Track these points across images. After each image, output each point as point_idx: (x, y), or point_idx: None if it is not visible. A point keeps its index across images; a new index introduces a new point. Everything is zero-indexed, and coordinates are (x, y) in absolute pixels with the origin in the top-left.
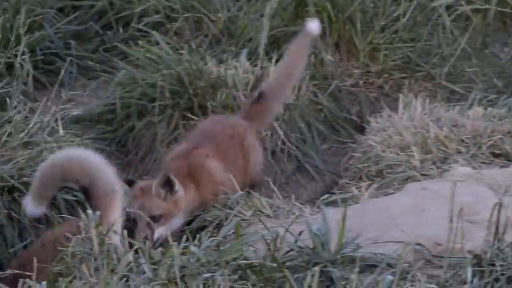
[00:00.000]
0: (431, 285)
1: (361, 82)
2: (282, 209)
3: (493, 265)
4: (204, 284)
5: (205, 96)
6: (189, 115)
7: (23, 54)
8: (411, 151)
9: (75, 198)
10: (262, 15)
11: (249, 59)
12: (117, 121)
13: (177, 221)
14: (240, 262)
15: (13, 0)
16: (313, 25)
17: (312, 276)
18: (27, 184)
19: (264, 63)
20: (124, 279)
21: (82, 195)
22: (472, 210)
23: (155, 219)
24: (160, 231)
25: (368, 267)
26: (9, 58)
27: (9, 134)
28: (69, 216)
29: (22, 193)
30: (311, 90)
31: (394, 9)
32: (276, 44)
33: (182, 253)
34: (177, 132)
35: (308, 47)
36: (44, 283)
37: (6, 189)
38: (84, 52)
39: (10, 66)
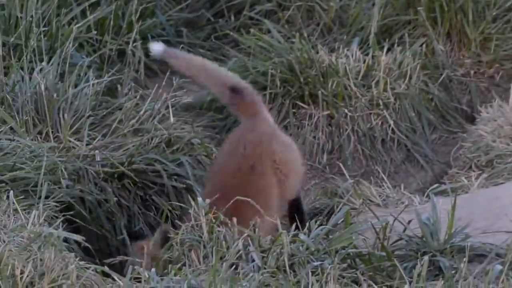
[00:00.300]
0: None
1: (472, 72)
2: (391, 198)
3: None
4: (312, 273)
5: (316, 85)
6: (300, 103)
7: (134, 41)
8: None
9: (184, 186)
10: (373, 4)
11: (360, 48)
12: (227, 109)
13: None
14: (350, 250)
15: None
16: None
17: (421, 265)
18: (136, 171)
19: (375, 52)
20: (233, 267)
21: None
22: None
23: None
24: None
25: (477, 257)
26: (120, 45)
27: (120, 121)
28: (178, 203)
29: (132, 180)
30: (422, 80)
31: None
32: (388, 33)
33: (292, 241)
34: (287, 120)
35: None
36: (154, 270)
37: (115, 175)
38: (195, 39)
39: (121, 53)
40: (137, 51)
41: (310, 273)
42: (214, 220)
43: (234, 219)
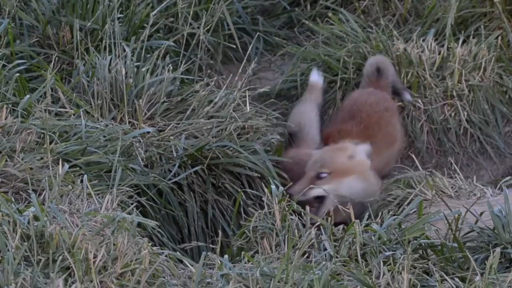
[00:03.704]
0: None
1: None
2: (463, 189)
3: None
4: (384, 262)
5: None
6: None
7: (210, 28)
8: None
9: (257, 175)
10: None
11: (436, 39)
12: (300, 97)
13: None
14: (421, 241)
15: None
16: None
17: (493, 257)
18: (210, 158)
19: (450, 43)
20: (305, 255)
21: None
22: None
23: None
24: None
25: None
26: (193, 32)
27: (194, 108)
28: (252, 190)
29: (206, 166)
30: (497, 72)
31: None
32: (463, 25)
33: (364, 231)
34: None
35: None
36: (226, 256)
37: (189, 162)
38: (271, 28)
39: (197, 40)
40: (212, 38)
41: (381, 263)
42: (287, 208)
43: (307, 208)
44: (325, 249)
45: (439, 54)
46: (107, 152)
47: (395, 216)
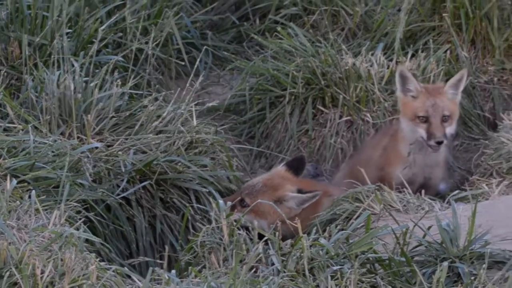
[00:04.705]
0: None
1: (495, 79)
2: (411, 203)
3: None
4: (332, 277)
5: (339, 88)
6: (321, 107)
7: (158, 44)
8: None
9: (205, 189)
10: (399, 10)
11: (385, 53)
12: (248, 112)
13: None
14: (369, 255)
15: None
16: None
17: (440, 271)
18: (156, 173)
19: (399, 58)
20: (253, 270)
21: None
22: None
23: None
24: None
25: (496, 263)
26: (141, 48)
27: (142, 124)
28: (200, 205)
29: (154, 181)
30: None
31: None
32: (412, 39)
33: (311, 245)
34: (306, 126)
35: None
36: (174, 271)
37: (137, 177)
38: (219, 42)
39: (145, 55)
40: (161, 53)
41: (329, 277)
42: (234, 223)
43: (255, 223)
44: (273, 264)
45: (388, 68)
46: (56, 168)
47: (343, 231)
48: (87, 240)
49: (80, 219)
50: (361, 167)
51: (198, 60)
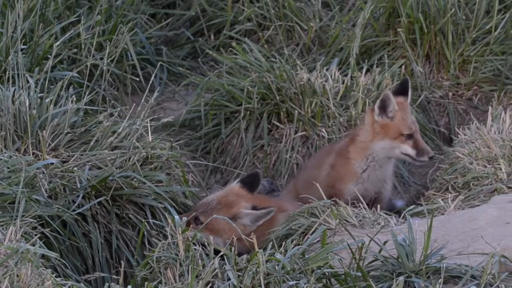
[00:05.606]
0: None
1: (450, 94)
2: (367, 218)
3: None
4: None
5: (294, 103)
6: (276, 122)
7: (114, 59)
8: (498, 164)
9: (162, 205)
10: (354, 25)
11: (340, 68)
12: (204, 127)
13: None
14: (325, 270)
15: (105, 5)
16: None
17: (396, 286)
18: (111, 189)
19: (354, 73)
20: (209, 285)
21: None
22: None
23: None
24: None
25: (452, 278)
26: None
27: (97, 140)
28: (155, 221)
29: (110, 197)
30: None
31: (486, 21)
32: (367, 54)
33: (267, 260)
34: (262, 141)
35: None
36: (130, 287)
37: (93, 193)
38: (174, 58)
39: (100, 71)
40: (116, 69)
41: None
42: (190, 238)
43: (211, 239)
44: (229, 279)
45: (343, 83)
46: (11, 184)
47: (299, 246)
48: (43, 256)
49: (36, 235)
50: (306, 187)
51: (153, 75)
